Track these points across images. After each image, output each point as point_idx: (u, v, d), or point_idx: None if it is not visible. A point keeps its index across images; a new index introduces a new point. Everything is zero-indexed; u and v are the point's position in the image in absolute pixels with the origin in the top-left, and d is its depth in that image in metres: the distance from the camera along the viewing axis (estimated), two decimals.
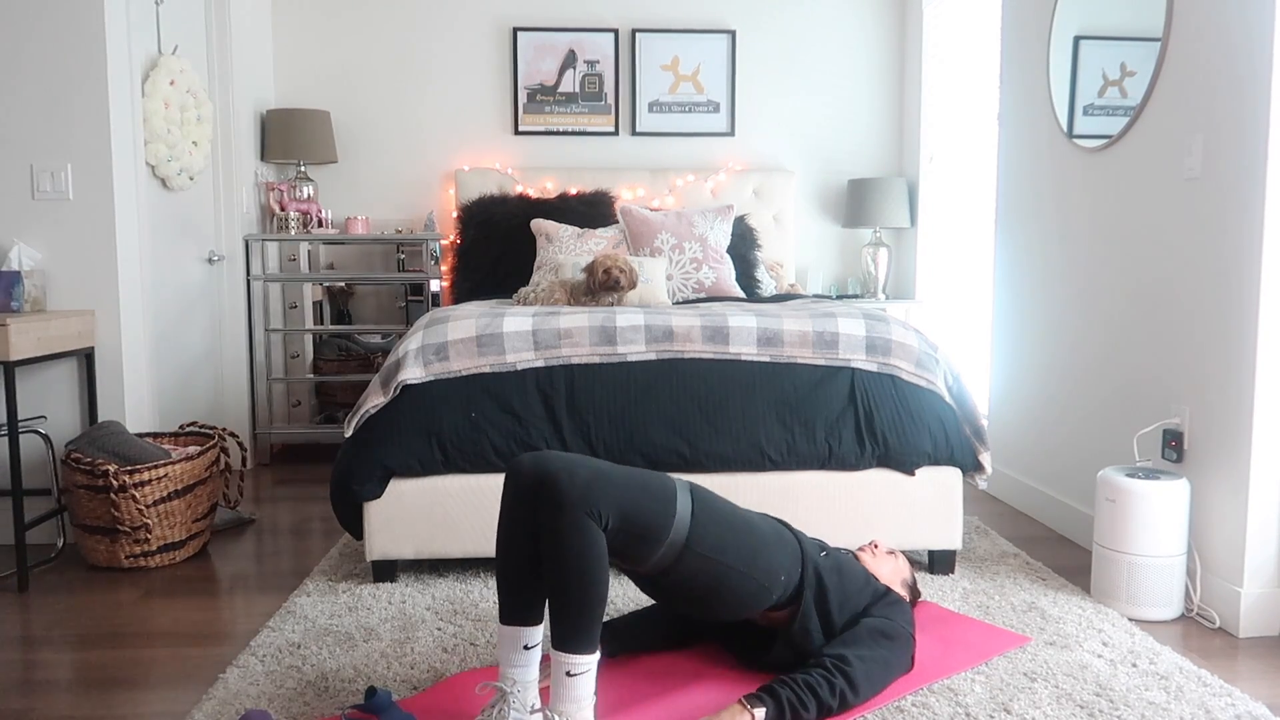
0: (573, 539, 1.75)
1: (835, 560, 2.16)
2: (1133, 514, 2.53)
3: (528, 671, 1.85)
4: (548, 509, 1.77)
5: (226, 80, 4.22)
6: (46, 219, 3.19)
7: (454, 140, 4.91)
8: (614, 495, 1.81)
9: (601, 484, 1.81)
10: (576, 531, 1.75)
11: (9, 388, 2.81)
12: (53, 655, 2.35)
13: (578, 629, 1.75)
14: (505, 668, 1.85)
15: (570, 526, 1.75)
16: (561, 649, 1.76)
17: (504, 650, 1.85)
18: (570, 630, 1.75)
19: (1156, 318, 2.79)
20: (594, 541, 1.76)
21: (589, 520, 1.76)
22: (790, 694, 1.87)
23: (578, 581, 1.74)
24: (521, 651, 1.84)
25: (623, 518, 1.81)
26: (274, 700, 2.05)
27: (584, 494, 1.77)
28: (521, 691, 1.82)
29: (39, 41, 3.13)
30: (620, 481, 1.84)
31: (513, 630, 1.85)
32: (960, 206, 4.63)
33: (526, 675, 1.84)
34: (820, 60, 4.98)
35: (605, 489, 1.80)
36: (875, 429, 2.75)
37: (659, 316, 2.80)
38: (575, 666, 1.76)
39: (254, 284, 4.39)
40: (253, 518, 3.55)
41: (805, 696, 1.88)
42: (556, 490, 1.77)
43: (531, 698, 1.84)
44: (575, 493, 1.77)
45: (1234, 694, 2.07)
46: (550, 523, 1.77)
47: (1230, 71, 2.46)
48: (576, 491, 1.77)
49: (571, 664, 1.76)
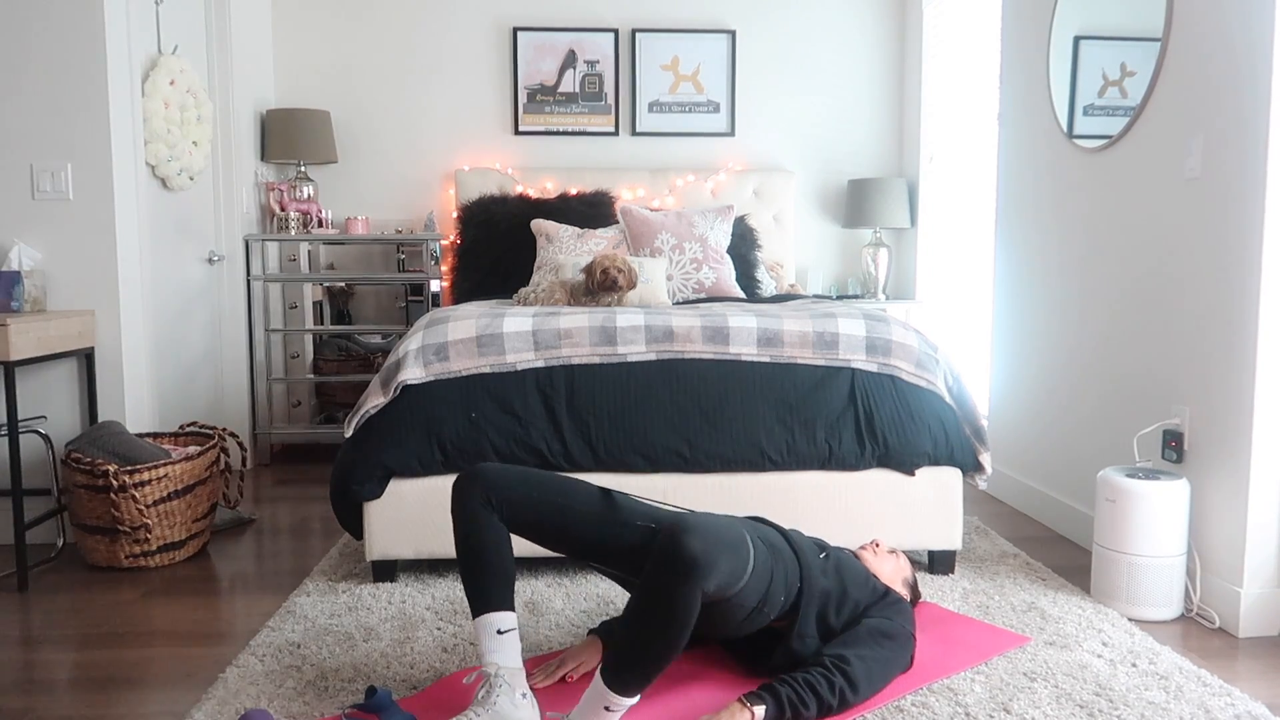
0: (685, 610, 1.73)
1: (835, 560, 2.16)
2: (1133, 514, 2.53)
3: (508, 656, 1.89)
4: (674, 576, 1.74)
5: (226, 80, 4.22)
6: (46, 219, 3.19)
7: (454, 140, 4.91)
8: (724, 573, 1.79)
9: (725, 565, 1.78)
10: (692, 605, 1.74)
11: (9, 388, 2.81)
12: (53, 655, 2.35)
13: (640, 678, 1.77)
14: (486, 655, 1.90)
15: (689, 599, 1.73)
16: (615, 688, 1.76)
17: (481, 641, 1.91)
18: (633, 677, 1.76)
19: (1156, 318, 2.79)
20: (696, 611, 1.76)
21: (700, 595, 1.75)
22: (790, 692, 1.87)
23: (666, 643, 1.74)
24: (495, 637, 1.90)
25: (718, 591, 1.81)
26: (274, 700, 2.05)
27: (711, 574, 1.75)
28: (509, 676, 1.86)
29: (39, 41, 3.13)
30: (730, 553, 1.81)
31: (484, 619, 1.91)
32: (960, 206, 4.63)
33: (508, 660, 1.88)
34: (820, 60, 4.99)
35: (723, 567, 1.78)
36: (875, 429, 2.75)
37: (659, 317, 2.81)
38: (618, 706, 1.78)
39: (254, 284, 4.39)
40: (253, 518, 3.55)
41: (805, 695, 1.88)
42: (694, 569, 1.73)
43: (520, 684, 1.87)
44: (708, 578, 1.74)
45: (1234, 694, 2.07)
46: (670, 586, 1.74)
47: (1230, 71, 2.46)
48: (709, 577, 1.75)
49: (616, 704, 1.78)
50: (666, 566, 1.74)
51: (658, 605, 1.74)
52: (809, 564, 2.07)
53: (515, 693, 1.85)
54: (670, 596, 1.73)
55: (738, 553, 1.84)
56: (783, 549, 2.06)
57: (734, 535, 1.85)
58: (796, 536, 2.15)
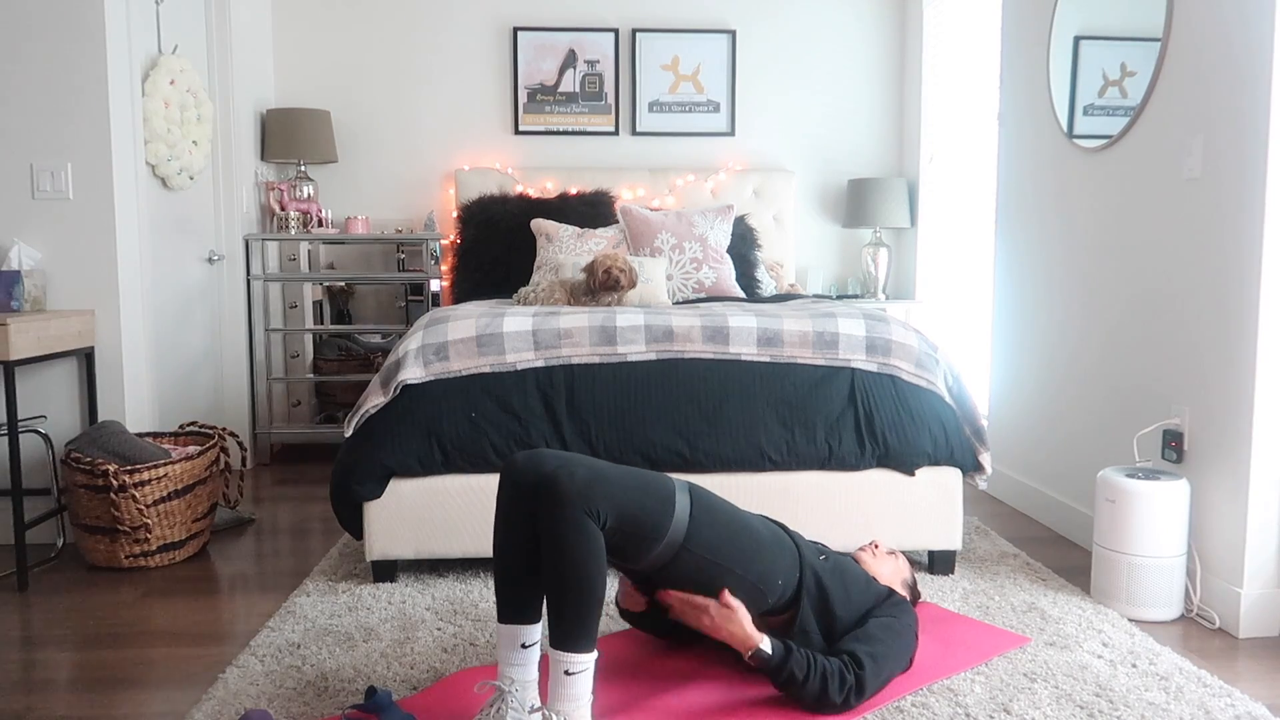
0: (571, 538, 1.75)
1: (836, 563, 2.16)
2: (1133, 514, 2.53)
3: (526, 670, 1.85)
4: (546, 508, 1.77)
5: (226, 80, 4.22)
6: (46, 219, 3.19)
7: (454, 140, 4.91)
8: (612, 494, 1.81)
9: (600, 483, 1.81)
10: (575, 530, 1.75)
11: (9, 387, 2.81)
12: (53, 655, 2.35)
13: (576, 628, 1.75)
14: (504, 666, 1.85)
15: (569, 525, 1.75)
16: (560, 647, 1.76)
17: (502, 649, 1.86)
18: (569, 629, 1.75)
19: (1156, 318, 2.79)
20: (592, 540, 1.76)
21: (587, 519, 1.76)
22: (801, 659, 1.91)
23: (576, 580, 1.74)
24: (519, 650, 1.85)
25: (621, 516, 1.81)
26: (274, 700, 2.05)
27: (583, 492, 1.77)
28: (520, 690, 1.83)
29: (39, 41, 3.13)
30: (618, 480, 1.85)
31: (510, 629, 1.85)
32: (960, 206, 4.63)
33: (525, 674, 1.85)
34: (820, 60, 4.98)
35: (604, 488, 1.80)
36: (875, 429, 2.75)
37: (659, 316, 2.80)
38: (573, 665, 1.76)
39: (254, 284, 4.39)
40: (253, 518, 3.55)
41: (813, 673, 1.91)
42: (555, 489, 1.77)
43: (530, 697, 1.84)
44: (574, 491, 1.77)
45: (1234, 694, 2.07)
46: (549, 521, 1.77)
47: (1230, 71, 2.46)
48: (575, 490, 1.77)
49: (570, 662, 1.76)
50: (543, 504, 1.77)
51: (552, 547, 1.75)
52: (807, 557, 2.10)
53: (525, 708, 1.82)
54: (554, 532, 1.74)
55: (640, 489, 1.86)
56: (781, 535, 2.09)
57: (631, 475, 1.88)
58: (797, 535, 2.17)
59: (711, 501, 2.01)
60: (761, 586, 1.98)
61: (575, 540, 1.75)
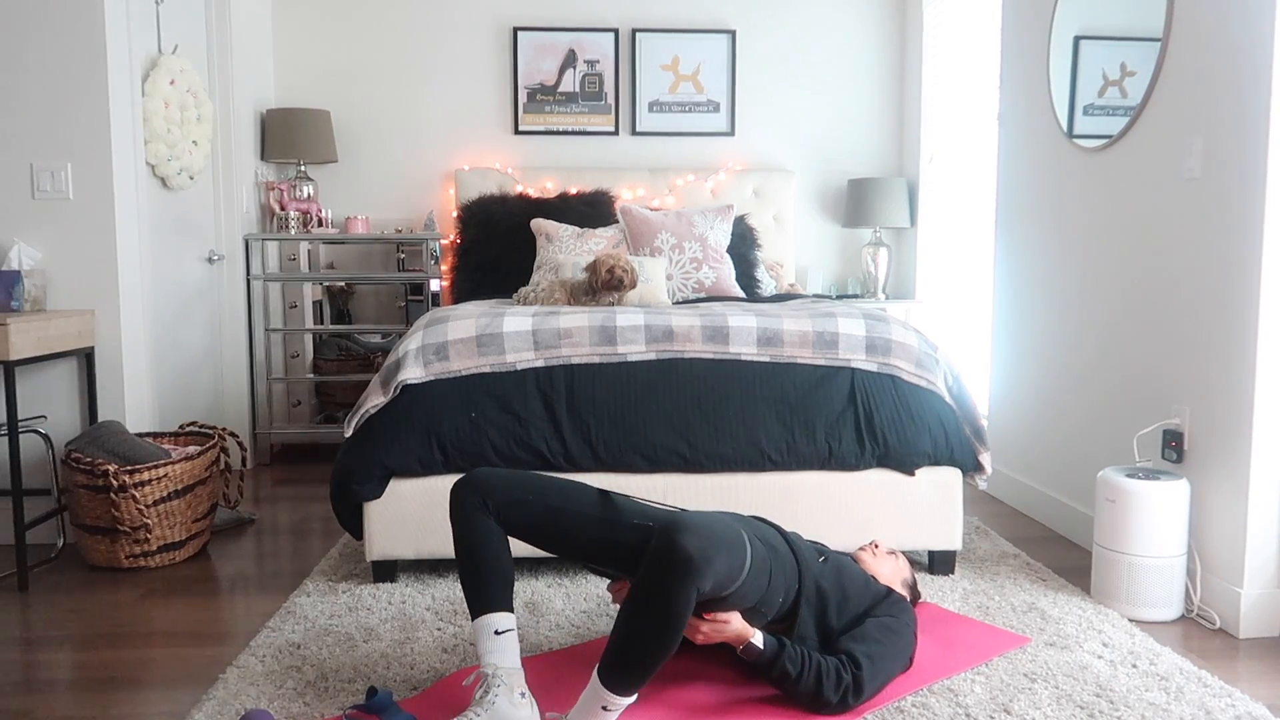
0: (680, 609, 1.73)
1: (834, 564, 2.16)
2: (1133, 514, 2.53)
3: (506, 656, 1.89)
4: (670, 575, 1.74)
5: (226, 80, 4.22)
6: (46, 219, 3.19)
7: (454, 140, 4.91)
8: (720, 572, 1.79)
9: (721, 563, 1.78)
10: (687, 604, 1.73)
11: (9, 387, 2.81)
12: (53, 655, 2.35)
13: (637, 677, 1.76)
14: (484, 656, 1.90)
15: (685, 597, 1.73)
16: (611, 688, 1.76)
17: (479, 642, 1.92)
18: (630, 676, 1.76)
19: (1156, 318, 2.79)
20: (690, 610, 1.76)
21: (696, 593, 1.75)
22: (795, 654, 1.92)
23: (661, 639, 1.74)
24: (493, 637, 1.90)
25: (714, 590, 1.81)
26: (274, 700, 2.05)
27: (707, 572, 1.75)
28: (507, 676, 1.86)
29: (39, 41, 3.13)
30: (726, 551, 1.81)
31: (482, 620, 1.92)
32: (960, 206, 4.63)
33: (506, 660, 1.89)
34: (820, 60, 4.98)
35: (720, 565, 1.78)
36: (875, 429, 2.75)
37: (659, 316, 2.80)
38: (613, 704, 1.77)
39: (254, 284, 4.39)
40: (253, 518, 3.55)
41: (807, 671, 1.91)
42: (690, 567, 1.73)
43: (519, 684, 1.87)
44: (703, 576, 1.74)
45: (1234, 694, 2.07)
46: (665, 585, 1.74)
47: (1230, 71, 2.46)
48: (705, 575, 1.74)
49: (613, 704, 1.77)
50: (662, 565, 1.74)
51: (653, 604, 1.74)
52: (807, 565, 2.08)
53: (514, 692, 1.85)
54: (665, 595, 1.73)
55: (734, 551, 1.84)
56: (781, 549, 2.06)
57: (731, 533, 1.85)
58: (795, 539, 2.15)
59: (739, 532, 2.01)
60: (763, 608, 1.98)
61: (681, 610, 1.73)
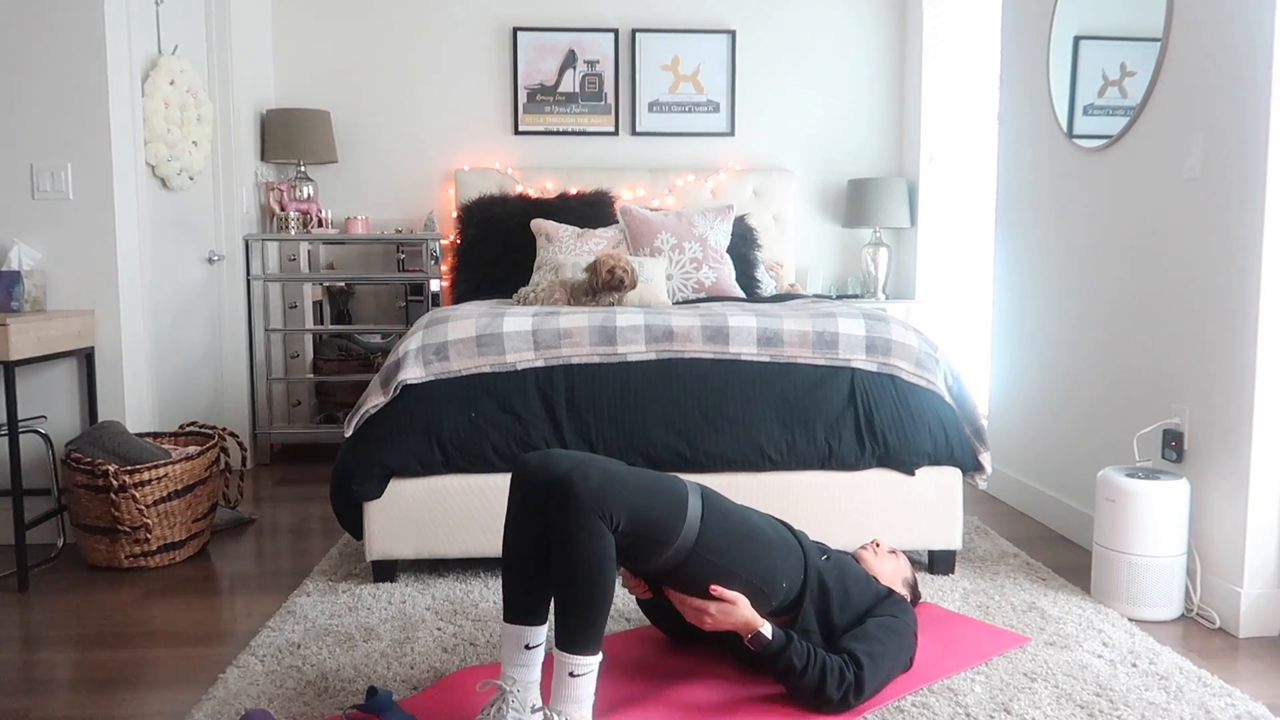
0: (582, 539, 1.74)
1: (837, 562, 2.17)
2: (1133, 514, 2.53)
3: (529, 671, 1.85)
4: (558, 509, 1.77)
5: (226, 80, 4.22)
6: (46, 219, 3.19)
7: (454, 140, 4.91)
8: (626, 497, 1.80)
9: (614, 485, 1.80)
10: (587, 532, 1.74)
11: (9, 388, 2.81)
12: (53, 655, 2.35)
13: (583, 630, 1.75)
14: (506, 667, 1.85)
15: (580, 527, 1.74)
16: (565, 649, 1.76)
17: (506, 649, 1.86)
18: (575, 631, 1.75)
19: (1156, 317, 2.79)
20: (604, 543, 1.76)
21: (599, 521, 1.76)
22: (801, 649, 1.91)
23: (586, 582, 1.74)
24: (523, 651, 1.84)
25: (633, 520, 1.81)
26: (274, 700, 2.05)
27: (596, 495, 1.77)
28: (522, 691, 1.82)
29: (39, 41, 3.13)
30: (633, 483, 1.84)
31: (516, 629, 1.85)
32: (960, 206, 4.63)
33: (528, 675, 1.84)
34: (820, 60, 4.98)
35: (617, 490, 1.80)
36: (875, 429, 2.75)
37: (659, 316, 2.80)
38: (578, 667, 1.76)
39: (254, 284, 4.39)
40: (253, 518, 3.55)
41: (812, 667, 1.91)
42: (568, 490, 1.76)
43: (532, 697, 1.84)
44: (587, 493, 1.76)
45: (1234, 694, 2.07)
46: (560, 523, 1.76)
47: (1230, 71, 2.46)
48: (588, 492, 1.76)
49: (575, 664, 1.76)
50: (558, 505, 1.76)
51: (566, 549, 1.74)
52: (811, 558, 2.09)
53: (525, 709, 1.82)
54: (570, 535, 1.74)
55: (653, 492, 1.85)
56: (789, 539, 2.09)
57: (645, 478, 1.87)
58: (802, 535, 2.18)
59: (722, 505, 2.01)
60: (766, 590, 1.98)
61: (586, 542, 1.74)
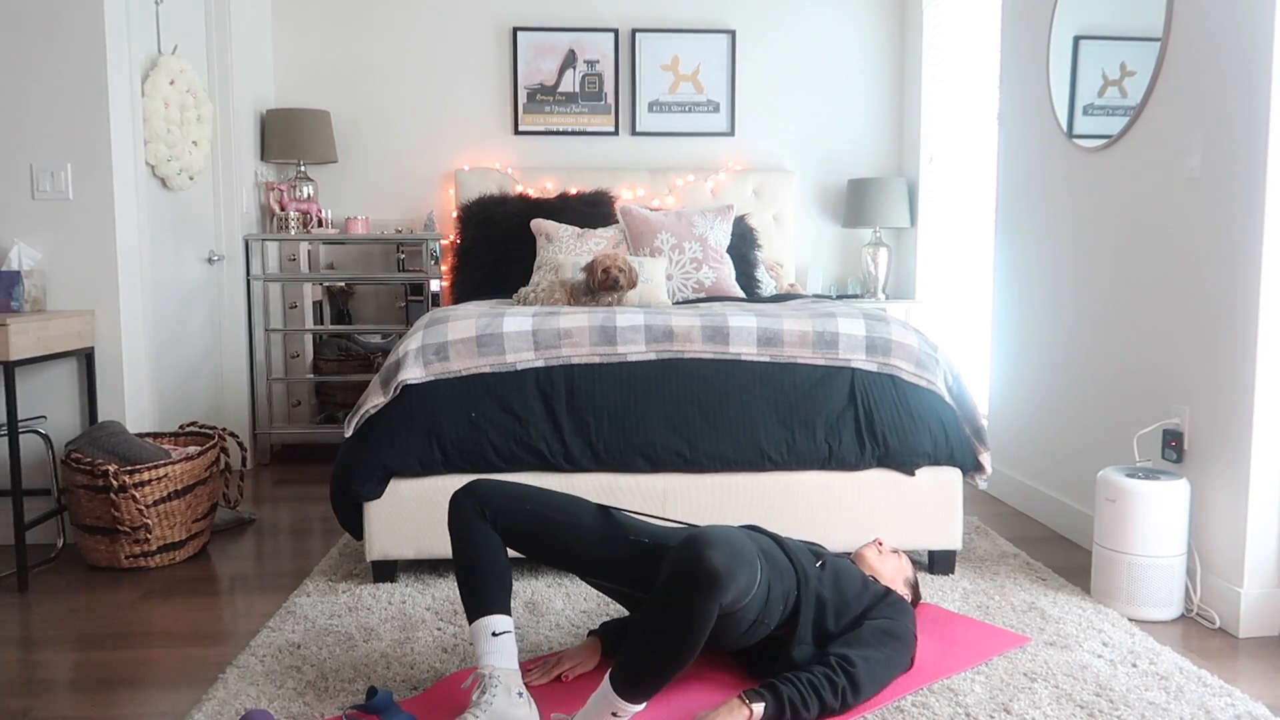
0: (702, 622, 1.74)
1: (832, 569, 2.15)
2: (1133, 514, 2.53)
3: (503, 658, 1.90)
4: (695, 589, 1.74)
5: (226, 80, 4.22)
6: (46, 219, 3.19)
7: (454, 140, 4.91)
8: (740, 587, 1.80)
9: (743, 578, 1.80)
10: (709, 617, 1.74)
11: (9, 388, 2.81)
12: (53, 655, 2.35)
13: (650, 686, 1.76)
14: (482, 657, 1.91)
15: (708, 611, 1.74)
16: (623, 694, 1.76)
17: (477, 643, 1.93)
18: (641, 678, 1.76)
19: (1156, 317, 2.79)
20: (711, 623, 1.76)
21: (718, 607, 1.76)
22: (792, 691, 1.87)
23: (680, 652, 1.74)
24: (491, 639, 1.92)
25: (732, 604, 1.82)
26: (274, 700, 2.05)
27: (730, 587, 1.76)
28: (504, 676, 1.87)
29: (39, 41, 3.13)
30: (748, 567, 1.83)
31: (480, 622, 1.93)
32: (960, 206, 4.63)
33: (503, 661, 1.90)
34: (820, 60, 4.98)
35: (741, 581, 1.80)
36: (875, 429, 2.75)
37: (659, 316, 2.80)
38: (625, 712, 1.77)
39: (254, 284, 4.39)
40: (253, 518, 3.55)
41: (807, 695, 1.88)
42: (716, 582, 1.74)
43: (516, 683, 1.88)
44: (727, 590, 1.75)
45: (1234, 694, 2.07)
46: (689, 598, 1.74)
47: (1230, 71, 2.46)
48: (729, 590, 1.76)
49: (624, 710, 1.77)
50: (687, 579, 1.73)
51: (676, 616, 1.74)
52: (806, 573, 2.07)
53: (511, 691, 1.86)
54: (689, 608, 1.73)
55: (753, 566, 1.86)
56: (779, 559, 2.05)
57: (748, 549, 1.87)
58: (792, 545, 2.14)
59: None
60: (765, 620, 1.98)
61: (703, 626, 1.74)
